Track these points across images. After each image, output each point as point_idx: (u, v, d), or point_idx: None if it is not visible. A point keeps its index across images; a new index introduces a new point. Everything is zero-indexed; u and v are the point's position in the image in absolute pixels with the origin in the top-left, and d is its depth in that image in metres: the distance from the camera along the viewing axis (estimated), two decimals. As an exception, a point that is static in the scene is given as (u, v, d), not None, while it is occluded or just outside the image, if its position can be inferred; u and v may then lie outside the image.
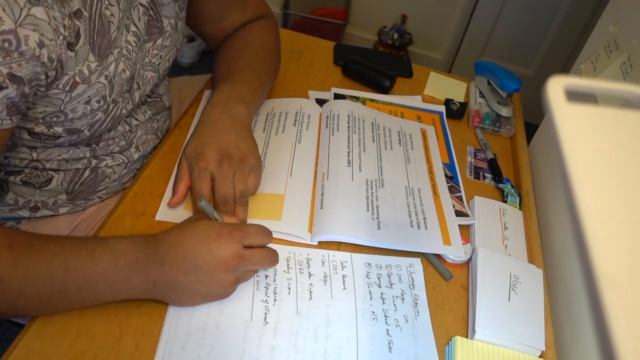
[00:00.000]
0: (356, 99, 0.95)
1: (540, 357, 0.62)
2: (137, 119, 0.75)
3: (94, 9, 0.56)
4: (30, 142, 0.62)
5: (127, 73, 0.65)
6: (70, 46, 0.54)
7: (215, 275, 0.54)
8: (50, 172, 0.68)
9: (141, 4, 0.66)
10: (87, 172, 0.71)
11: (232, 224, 0.57)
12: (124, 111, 0.67)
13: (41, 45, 0.49)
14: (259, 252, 0.58)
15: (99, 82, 0.60)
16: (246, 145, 0.69)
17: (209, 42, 0.90)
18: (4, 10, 0.45)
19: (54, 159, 0.66)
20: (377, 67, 1.01)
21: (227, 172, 0.65)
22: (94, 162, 0.71)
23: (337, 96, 0.95)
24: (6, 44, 0.46)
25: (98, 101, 0.61)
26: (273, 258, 0.60)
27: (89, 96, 0.59)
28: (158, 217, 0.66)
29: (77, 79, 0.57)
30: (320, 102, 0.92)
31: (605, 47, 0.78)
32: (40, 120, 0.58)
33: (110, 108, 0.64)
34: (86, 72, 0.57)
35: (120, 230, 0.64)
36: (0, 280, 0.48)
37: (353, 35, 2.49)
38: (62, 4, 0.51)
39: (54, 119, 0.59)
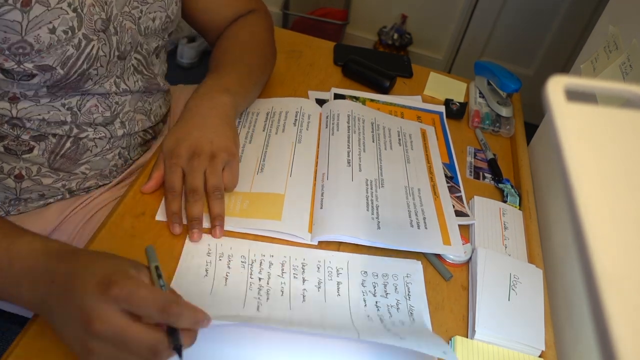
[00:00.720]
0: (356, 99, 0.95)
1: (540, 357, 0.62)
2: (126, 84, 0.74)
3: None
4: (5, 84, 0.61)
5: (97, 9, 0.63)
6: None
7: (78, 327, 0.43)
8: (31, 142, 0.68)
9: None
10: (68, 144, 0.70)
11: (131, 276, 0.45)
12: (101, 53, 0.66)
13: None
14: (140, 331, 0.43)
15: (61, 7, 0.59)
16: (220, 139, 0.68)
17: (207, 38, 0.91)
18: None
19: (34, 117, 0.66)
20: (377, 67, 1.01)
21: (197, 166, 0.65)
22: (75, 130, 0.70)
23: (337, 96, 0.95)
24: None
25: (65, 32, 0.60)
26: (150, 348, 0.43)
27: (51, 22, 0.58)
28: (158, 217, 0.66)
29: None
30: (320, 102, 0.92)
31: (605, 47, 0.78)
32: (6, 51, 0.57)
33: (82, 44, 0.62)
34: None
35: (120, 230, 0.64)
36: None
37: (353, 35, 2.50)
38: None
39: (20, 50, 0.57)
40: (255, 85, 0.83)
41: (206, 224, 0.66)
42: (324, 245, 0.68)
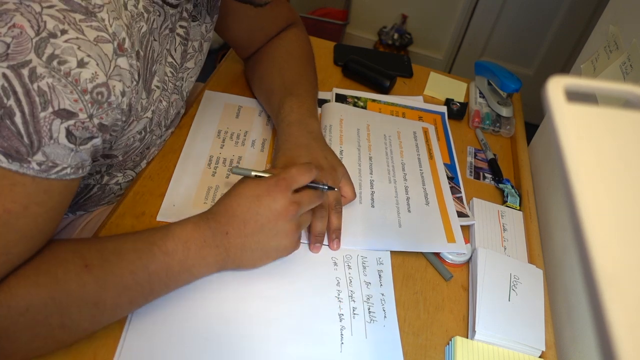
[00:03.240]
0: (358, 99, 0.95)
1: (540, 357, 0.62)
2: (160, 137, 0.75)
3: (149, 48, 0.57)
4: None
5: (164, 104, 0.65)
6: (137, 89, 0.54)
7: (279, 227, 0.57)
8: None
9: (178, 35, 0.66)
10: (95, 189, 0.71)
11: (274, 175, 0.59)
12: (154, 137, 0.68)
13: (123, 93, 0.50)
14: (306, 193, 0.60)
15: (146, 117, 0.61)
16: (332, 155, 0.72)
17: (240, 51, 0.91)
18: (97, 64, 0.46)
19: None
20: (377, 67, 1.01)
21: (320, 181, 0.66)
22: (105, 178, 0.70)
23: (339, 97, 0.95)
24: (99, 97, 0.47)
25: (139, 132, 0.62)
26: (317, 195, 0.62)
27: (137, 131, 0.60)
28: (159, 218, 0.66)
29: (134, 117, 0.57)
30: (321, 102, 0.92)
31: (605, 47, 0.78)
32: None
33: (146, 137, 0.64)
34: (140, 109, 0.58)
35: (120, 231, 0.64)
36: (96, 305, 0.49)
37: (353, 35, 2.50)
38: (133, 48, 0.51)
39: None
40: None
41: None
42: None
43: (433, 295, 0.66)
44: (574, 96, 0.23)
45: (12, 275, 0.47)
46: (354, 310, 0.61)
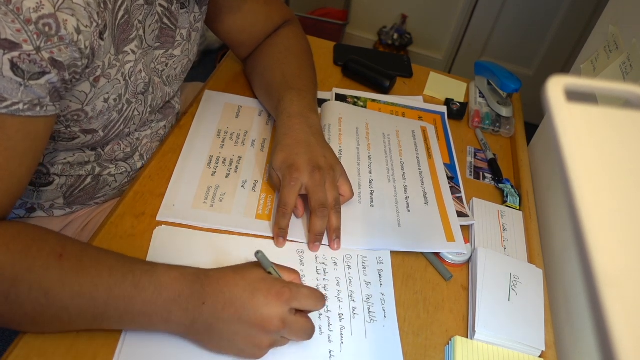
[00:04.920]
0: (358, 99, 0.96)
1: (540, 357, 0.62)
2: (150, 127, 0.75)
3: (118, 3, 0.56)
4: None
5: (143, 75, 0.65)
6: (101, 35, 0.53)
7: (254, 333, 0.51)
8: (52, 176, 0.68)
9: (157, 12, 0.66)
10: (88, 179, 0.71)
11: (284, 282, 0.53)
12: (136, 113, 0.67)
13: (78, 31, 0.49)
14: (303, 322, 0.53)
15: (117, 79, 0.60)
16: (331, 154, 0.71)
17: (238, 51, 0.90)
18: None
19: (58, 162, 0.66)
20: (377, 67, 1.01)
21: (320, 180, 0.66)
22: (97, 169, 0.70)
23: (339, 97, 0.95)
24: (47, 29, 0.46)
25: (115, 99, 0.61)
26: (312, 333, 0.54)
27: (107, 92, 0.59)
28: (159, 218, 0.66)
29: (100, 71, 0.56)
30: (321, 102, 0.92)
31: (605, 47, 0.78)
32: (61, 118, 0.58)
33: (124, 108, 0.64)
34: (107, 64, 0.57)
35: (120, 230, 0.64)
36: (47, 293, 0.47)
37: (353, 35, 2.49)
38: None
39: (75, 117, 0.58)
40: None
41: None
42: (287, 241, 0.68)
43: (433, 295, 0.66)
44: (574, 96, 0.23)
45: None
46: (353, 310, 0.61)
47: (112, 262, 0.51)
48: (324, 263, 0.66)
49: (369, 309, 0.62)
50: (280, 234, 0.65)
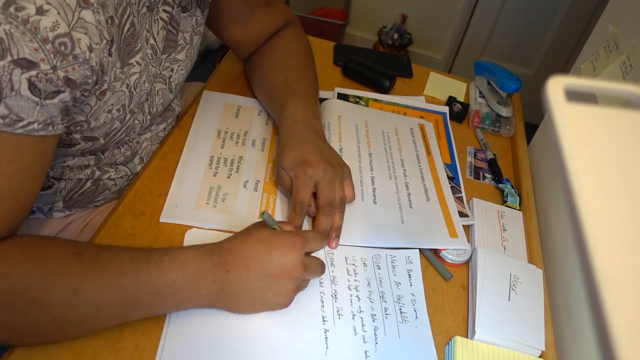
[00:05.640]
0: (359, 98, 0.96)
1: (540, 357, 0.62)
2: (151, 130, 0.75)
3: (124, 17, 0.57)
4: None
5: (147, 85, 0.65)
6: (110, 51, 0.54)
7: (281, 282, 0.55)
8: (52, 180, 0.68)
9: (161, 18, 0.66)
10: (88, 183, 0.71)
11: (293, 232, 0.58)
12: (137, 122, 0.67)
13: (90, 49, 0.49)
14: (315, 260, 0.59)
15: (122, 90, 0.60)
16: (337, 156, 0.72)
17: (238, 51, 0.90)
18: (59, 13, 0.45)
19: (58, 165, 0.66)
20: (377, 67, 1.01)
21: (332, 178, 0.66)
22: (97, 173, 0.70)
23: (341, 96, 0.95)
24: (62, 47, 0.46)
25: (118, 110, 0.61)
26: (324, 267, 0.60)
27: (112, 104, 0.60)
28: (162, 219, 0.66)
29: (107, 85, 0.57)
30: (322, 101, 0.92)
31: (605, 47, 0.78)
32: (64, 128, 0.58)
33: (127, 118, 0.64)
34: (112, 77, 0.57)
35: (120, 230, 0.64)
36: (75, 291, 0.47)
37: (353, 35, 2.49)
38: (104, 9, 0.51)
39: (77, 127, 0.59)
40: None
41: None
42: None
43: (433, 295, 0.66)
44: (574, 96, 0.23)
45: (2, 241, 0.47)
46: (385, 310, 0.62)
47: (129, 252, 0.52)
48: (353, 264, 0.66)
49: (400, 309, 0.63)
50: None
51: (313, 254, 0.61)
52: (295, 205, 0.66)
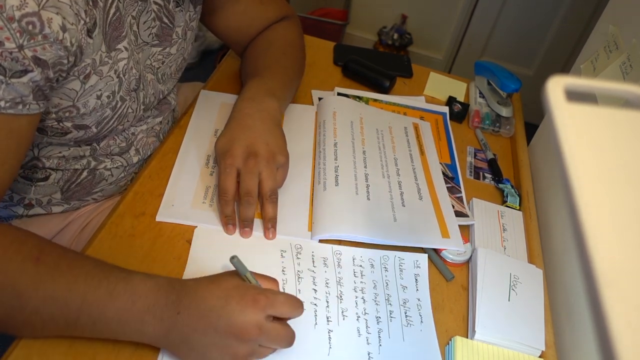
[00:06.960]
0: (360, 98, 0.96)
1: (540, 357, 0.62)
2: (146, 122, 0.75)
3: (109, 0, 0.57)
4: (35, 138, 0.62)
5: (134, 71, 0.65)
6: (89, 32, 0.53)
7: (229, 342, 0.49)
8: (48, 170, 0.68)
9: (154, 11, 0.66)
10: (84, 173, 0.71)
11: (259, 289, 0.52)
12: (130, 110, 0.67)
13: (64, 29, 0.49)
14: (281, 329, 0.52)
15: (109, 76, 0.60)
16: (275, 141, 0.69)
17: (235, 48, 0.91)
18: None
19: (54, 156, 0.66)
20: (377, 67, 1.01)
21: (253, 168, 0.65)
22: (93, 163, 0.70)
23: (341, 96, 0.95)
24: (30, 27, 0.46)
25: (108, 96, 0.61)
26: (292, 340, 0.53)
27: (100, 89, 0.59)
28: (158, 218, 0.66)
29: (90, 68, 0.56)
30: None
31: (605, 47, 0.78)
32: (53, 115, 0.58)
33: (118, 105, 0.64)
34: (98, 61, 0.57)
35: (120, 230, 0.64)
36: (19, 295, 0.47)
37: (353, 35, 2.49)
38: None
39: (67, 114, 0.58)
40: (292, 89, 0.84)
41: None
42: (324, 240, 0.68)
43: (433, 295, 0.66)
44: (574, 96, 0.23)
45: None
46: (390, 313, 0.62)
47: (89, 268, 0.50)
48: (360, 265, 0.66)
49: (405, 313, 0.63)
50: (228, 222, 0.65)
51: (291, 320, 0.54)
52: (219, 193, 0.66)
